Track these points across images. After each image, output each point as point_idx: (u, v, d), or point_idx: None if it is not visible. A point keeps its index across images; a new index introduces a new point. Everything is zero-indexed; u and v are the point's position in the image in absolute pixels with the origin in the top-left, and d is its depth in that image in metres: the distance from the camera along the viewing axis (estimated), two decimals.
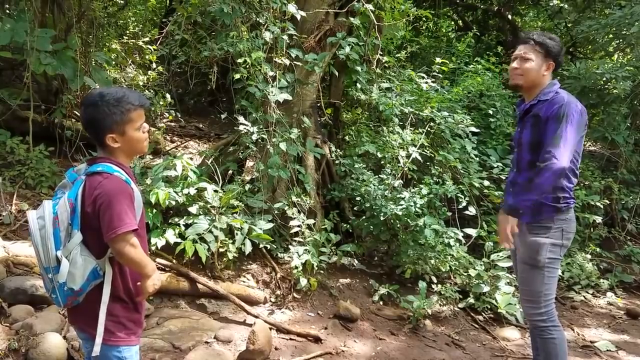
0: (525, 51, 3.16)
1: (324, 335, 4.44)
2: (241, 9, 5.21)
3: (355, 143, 6.14)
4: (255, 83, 5.06)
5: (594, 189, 6.87)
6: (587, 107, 7.82)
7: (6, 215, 5.00)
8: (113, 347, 2.17)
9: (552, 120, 2.98)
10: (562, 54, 3.21)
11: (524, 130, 3.20)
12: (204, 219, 4.69)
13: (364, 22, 5.88)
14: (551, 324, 3.20)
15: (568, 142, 2.91)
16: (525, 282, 3.24)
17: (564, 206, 3.10)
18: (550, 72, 3.18)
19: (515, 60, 3.21)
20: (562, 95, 3.06)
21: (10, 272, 4.11)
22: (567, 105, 2.98)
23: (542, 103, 3.09)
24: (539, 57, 3.13)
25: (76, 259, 2.06)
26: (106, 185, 2.07)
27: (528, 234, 3.13)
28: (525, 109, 3.21)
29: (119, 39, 8.50)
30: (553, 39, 3.17)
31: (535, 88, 3.18)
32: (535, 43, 3.13)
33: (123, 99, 2.13)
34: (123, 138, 2.16)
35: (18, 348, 3.39)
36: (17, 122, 6.06)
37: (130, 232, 2.07)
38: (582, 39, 9.61)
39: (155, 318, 4.22)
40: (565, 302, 5.86)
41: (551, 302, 3.20)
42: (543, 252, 3.09)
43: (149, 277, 2.20)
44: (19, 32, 5.31)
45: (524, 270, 3.24)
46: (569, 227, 3.16)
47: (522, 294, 3.34)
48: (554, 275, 3.18)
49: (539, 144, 3.06)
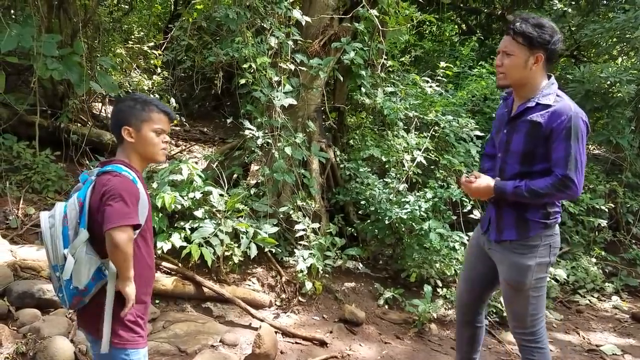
0: (506, 44, 2.70)
1: (330, 339, 4.44)
2: (246, 14, 5.24)
3: (360, 147, 6.15)
4: (260, 88, 5.09)
5: (598, 192, 6.86)
6: (592, 110, 7.94)
7: (13, 220, 5.02)
8: (120, 349, 2.19)
9: (560, 136, 2.58)
10: (555, 41, 2.66)
11: (515, 135, 2.75)
12: (209, 223, 4.71)
13: (368, 27, 5.90)
14: (536, 345, 2.88)
15: (583, 166, 2.60)
16: (509, 303, 2.93)
17: (553, 221, 2.78)
18: (541, 66, 2.68)
19: (498, 56, 2.78)
20: (566, 104, 2.63)
21: (17, 276, 4.13)
22: (575, 118, 2.58)
23: (541, 108, 2.65)
24: (523, 50, 2.64)
25: (81, 257, 2.08)
26: (113, 181, 2.11)
27: (512, 253, 2.79)
28: (519, 110, 2.75)
29: (124, 44, 8.55)
30: (539, 25, 2.64)
31: (527, 87, 2.73)
32: (516, 34, 2.64)
33: (151, 101, 2.27)
34: (138, 134, 2.22)
35: (26, 351, 3.41)
36: (24, 126, 6.10)
37: (131, 227, 2.09)
38: (586, 42, 9.61)
39: (161, 322, 4.24)
40: (571, 306, 5.85)
41: (539, 321, 2.87)
42: (529, 275, 2.74)
43: (129, 280, 2.16)
44: (26, 38, 5.35)
45: (507, 291, 2.89)
46: (555, 242, 2.82)
47: (507, 312, 3.01)
48: (541, 294, 2.83)
49: (532, 154, 2.70)
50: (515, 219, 2.78)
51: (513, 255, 2.79)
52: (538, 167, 2.70)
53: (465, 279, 3.22)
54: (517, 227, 2.78)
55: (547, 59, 2.69)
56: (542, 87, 2.72)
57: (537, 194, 2.63)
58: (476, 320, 3.20)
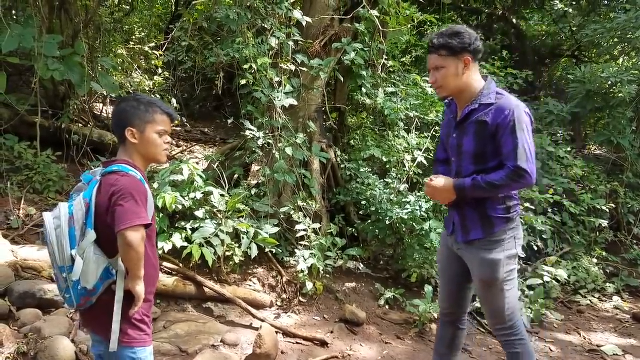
0: (433, 62, 2.82)
1: (330, 339, 4.44)
2: (247, 15, 5.24)
3: (361, 147, 6.15)
4: (261, 88, 5.10)
5: (599, 192, 6.86)
6: (593, 111, 7.94)
7: (14, 220, 5.03)
8: (127, 347, 2.19)
9: (506, 130, 2.68)
10: (473, 42, 2.75)
11: (465, 138, 2.85)
12: (210, 223, 4.71)
13: (369, 28, 5.90)
14: (516, 337, 2.96)
15: (533, 155, 2.70)
16: (485, 300, 3.00)
17: (514, 214, 2.88)
18: (471, 68, 2.79)
19: (430, 75, 2.89)
20: (508, 100, 2.74)
21: (18, 276, 4.13)
22: (518, 111, 2.69)
23: (485, 107, 2.75)
24: (449, 60, 2.75)
25: (89, 258, 2.09)
26: (123, 181, 2.12)
27: (481, 251, 2.86)
28: (464, 114, 2.83)
29: (125, 45, 8.55)
30: (455, 33, 2.76)
31: (466, 92, 2.83)
32: (437, 49, 2.77)
33: (154, 102, 2.28)
34: (142, 136, 2.23)
35: (27, 351, 3.41)
36: (25, 127, 6.10)
37: (143, 226, 2.10)
38: (587, 42, 9.62)
39: (162, 322, 4.24)
40: (572, 306, 5.85)
41: (515, 314, 2.96)
42: (500, 269, 2.82)
43: (140, 279, 2.18)
44: (27, 38, 5.36)
45: (482, 288, 2.96)
46: (519, 234, 2.92)
47: (485, 310, 3.09)
48: (514, 287, 2.92)
49: (484, 154, 2.80)
50: (479, 218, 2.87)
51: (482, 252, 2.86)
52: (491, 164, 2.78)
53: (442, 282, 3.28)
54: (482, 226, 2.86)
55: (474, 59, 2.80)
56: (481, 88, 2.82)
57: (493, 186, 2.72)
58: (458, 322, 3.22)
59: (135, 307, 2.18)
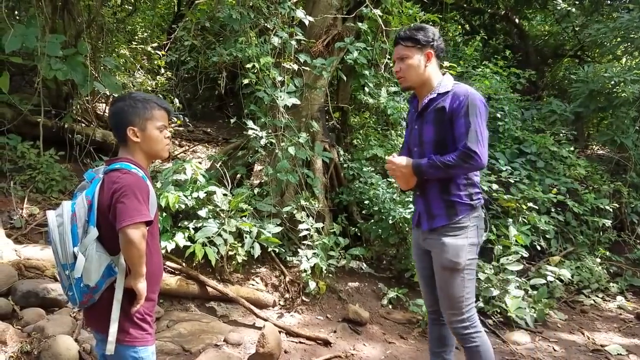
0: (399, 52, 3.00)
1: (333, 338, 4.44)
2: (250, 14, 5.25)
3: (363, 147, 6.15)
4: (263, 88, 5.10)
5: (603, 192, 6.85)
6: (596, 110, 7.93)
7: (17, 219, 5.04)
8: (129, 346, 2.19)
9: (460, 113, 2.80)
10: (437, 39, 2.98)
11: (425, 126, 2.98)
12: (213, 223, 4.72)
13: (372, 27, 5.90)
14: (474, 330, 2.98)
15: (484, 138, 2.78)
16: (445, 288, 3.00)
17: (477, 202, 2.95)
18: (433, 62, 2.98)
19: (395, 65, 3.06)
20: (463, 87, 2.89)
21: (22, 276, 4.14)
22: (472, 96, 2.82)
23: (442, 95, 2.91)
24: (414, 51, 2.94)
25: (92, 255, 2.09)
26: (125, 178, 2.12)
27: (445, 236, 2.93)
28: (424, 104, 2.98)
29: (128, 45, 8.57)
30: (421, 29, 2.98)
31: (426, 85, 3.00)
32: (404, 40, 2.97)
33: (149, 98, 2.28)
34: (143, 134, 2.24)
35: (30, 350, 3.41)
36: (28, 127, 6.11)
37: (144, 223, 2.10)
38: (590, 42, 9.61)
39: (165, 321, 4.24)
40: (575, 306, 5.83)
41: (472, 306, 3.00)
42: (463, 254, 2.89)
43: (142, 277, 2.18)
44: (30, 38, 5.36)
45: (442, 275, 2.99)
46: (481, 224, 3.00)
47: (442, 300, 3.07)
48: (473, 277, 2.99)
49: (444, 141, 2.89)
50: (444, 206, 2.94)
51: (445, 238, 2.93)
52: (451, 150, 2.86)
53: (421, 281, 3.32)
54: (447, 212, 2.94)
55: (435, 55, 2.99)
56: (439, 81, 2.99)
57: (447, 165, 2.79)
58: (443, 320, 3.20)
59: (136, 305, 2.18)
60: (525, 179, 6.41)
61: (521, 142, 7.06)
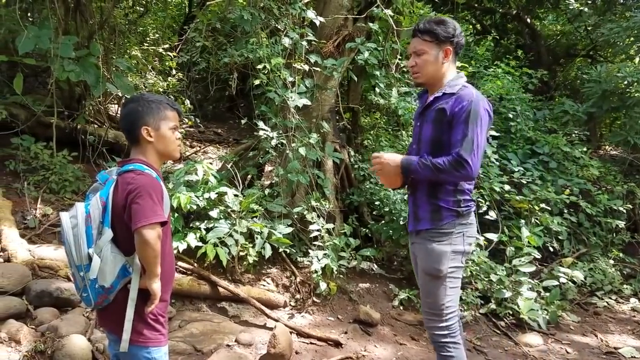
0: (415, 45, 2.85)
1: (344, 339, 4.43)
2: (261, 15, 5.26)
3: (374, 147, 6.14)
4: (274, 88, 5.11)
5: (616, 193, 6.79)
6: (609, 110, 7.87)
7: (31, 219, 5.08)
8: (142, 347, 2.20)
9: (460, 119, 2.68)
10: (457, 35, 2.81)
11: (425, 125, 2.87)
12: (224, 223, 4.73)
13: (383, 27, 5.89)
14: (451, 339, 2.87)
15: (480, 149, 2.67)
16: (427, 293, 2.92)
17: (465, 210, 2.83)
18: (450, 59, 2.83)
19: (411, 57, 2.91)
20: (469, 91, 2.74)
21: (35, 275, 4.17)
22: (475, 103, 2.68)
23: (447, 97, 2.77)
24: (432, 47, 2.80)
25: (107, 256, 2.10)
26: (139, 179, 2.13)
27: (428, 241, 2.84)
28: (429, 102, 2.87)
29: (140, 46, 8.61)
30: (442, 22, 2.81)
31: (439, 82, 2.86)
32: (422, 33, 2.81)
33: (161, 99, 2.30)
34: (157, 133, 2.25)
35: (44, 350, 3.44)
36: (41, 128, 6.17)
37: (159, 224, 2.11)
38: (603, 42, 9.53)
39: (177, 321, 4.26)
40: (588, 307, 5.79)
41: (453, 315, 2.89)
42: (445, 261, 2.79)
43: (157, 277, 2.19)
44: (43, 40, 5.41)
45: (424, 281, 2.91)
46: (469, 232, 2.88)
47: (424, 305, 3.00)
48: (456, 286, 2.88)
49: (440, 142, 2.78)
50: (430, 209, 2.84)
51: (429, 243, 2.84)
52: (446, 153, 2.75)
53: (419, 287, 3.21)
54: (431, 216, 2.84)
55: (454, 52, 2.84)
56: (450, 79, 2.85)
57: (437, 168, 2.68)
58: None
59: (150, 305, 2.19)
60: (537, 179, 6.37)
61: (533, 143, 7.02)
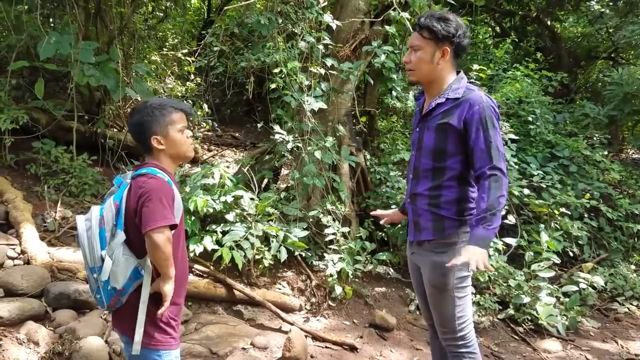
0: (413, 40, 2.64)
1: (360, 344, 4.41)
2: (278, 20, 5.28)
3: (391, 151, 6.12)
4: (290, 92, 5.11)
5: (637, 197, 6.67)
6: (630, 113, 7.75)
7: (51, 222, 5.15)
8: (153, 350, 2.22)
9: (477, 125, 2.50)
10: (459, 34, 2.58)
11: (426, 132, 2.68)
12: (240, 227, 4.75)
13: (400, 30, 5.87)
14: (466, 350, 2.74)
15: (502, 152, 2.52)
16: (435, 306, 2.79)
17: (468, 218, 2.65)
18: (448, 60, 2.62)
19: (407, 53, 2.69)
20: (476, 94, 2.56)
21: (54, 277, 4.23)
22: (487, 107, 2.52)
23: (451, 102, 2.58)
24: (429, 44, 2.58)
25: (119, 258, 2.13)
26: (150, 183, 2.16)
27: (431, 253, 2.69)
28: (430, 107, 2.67)
29: (159, 51, 8.71)
30: (443, 18, 2.57)
31: (435, 83, 2.66)
32: (421, 28, 2.58)
33: (164, 103, 2.31)
34: (167, 140, 2.27)
35: (62, 351, 3.49)
36: (62, 132, 6.27)
37: (169, 227, 2.13)
38: (625, 44, 9.40)
39: (194, 324, 4.29)
40: (609, 313, 5.68)
41: (467, 325, 2.74)
42: (450, 273, 2.63)
43: (170, 279, 2.20)
44: (64, 45, 5.50)
45: (432, 293, 2.77)
46: None
47: (435, 317, 2.85)
48: (466, 295, 2.72)
49: (444, 152, 2.62)
50: (431, 218, 2.70)
51: (433, 255, 2.70)
52: (449, 162, 2.64)
53: (417, 298, 3.13)
54: (433, 226, 2.69)
55: (454, 53, 2.63)
56: (450, 82, 2.65)
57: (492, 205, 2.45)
58: None
59: (162, 308, 2.19)
60: (557, 183, 6.28)
61: (553, 146, 6.93)
